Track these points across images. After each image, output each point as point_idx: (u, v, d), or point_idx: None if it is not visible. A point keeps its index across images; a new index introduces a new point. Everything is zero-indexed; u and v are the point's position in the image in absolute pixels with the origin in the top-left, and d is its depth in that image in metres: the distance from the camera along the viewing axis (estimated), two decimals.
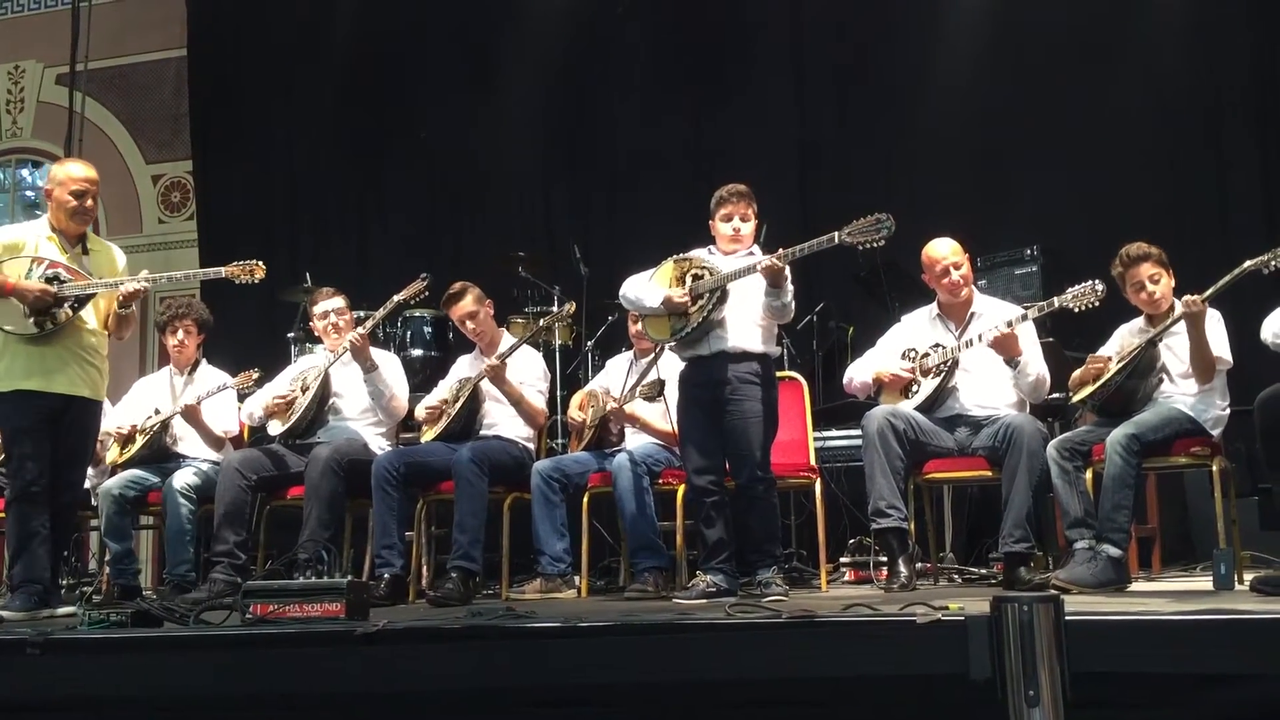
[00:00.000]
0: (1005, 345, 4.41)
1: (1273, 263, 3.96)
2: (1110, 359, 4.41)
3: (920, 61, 7.03)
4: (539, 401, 5.18)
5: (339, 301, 5.33)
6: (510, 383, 5.03)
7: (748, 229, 4.43)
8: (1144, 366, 4.29)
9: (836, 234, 4.13)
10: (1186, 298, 4.15)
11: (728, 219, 4.42)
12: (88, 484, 5.21)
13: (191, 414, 5.22)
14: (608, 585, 5.33)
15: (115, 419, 5.45)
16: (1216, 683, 2.49)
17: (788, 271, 4.22)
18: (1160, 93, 6.58)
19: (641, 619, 3.17)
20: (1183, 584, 4.56)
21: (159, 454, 5.28)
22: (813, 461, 4.94)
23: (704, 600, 4.10)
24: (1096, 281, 4.29)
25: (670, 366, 4.78)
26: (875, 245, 4.12)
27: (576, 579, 4.89)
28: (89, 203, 4.57)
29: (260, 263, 4.77)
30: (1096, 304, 4.29)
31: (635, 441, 5.01)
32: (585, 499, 4.90)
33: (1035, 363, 4.51)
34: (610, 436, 5.11)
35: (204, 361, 5.59)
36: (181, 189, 9.09)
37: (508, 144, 7.80)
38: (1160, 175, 6.53)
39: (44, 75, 9.41)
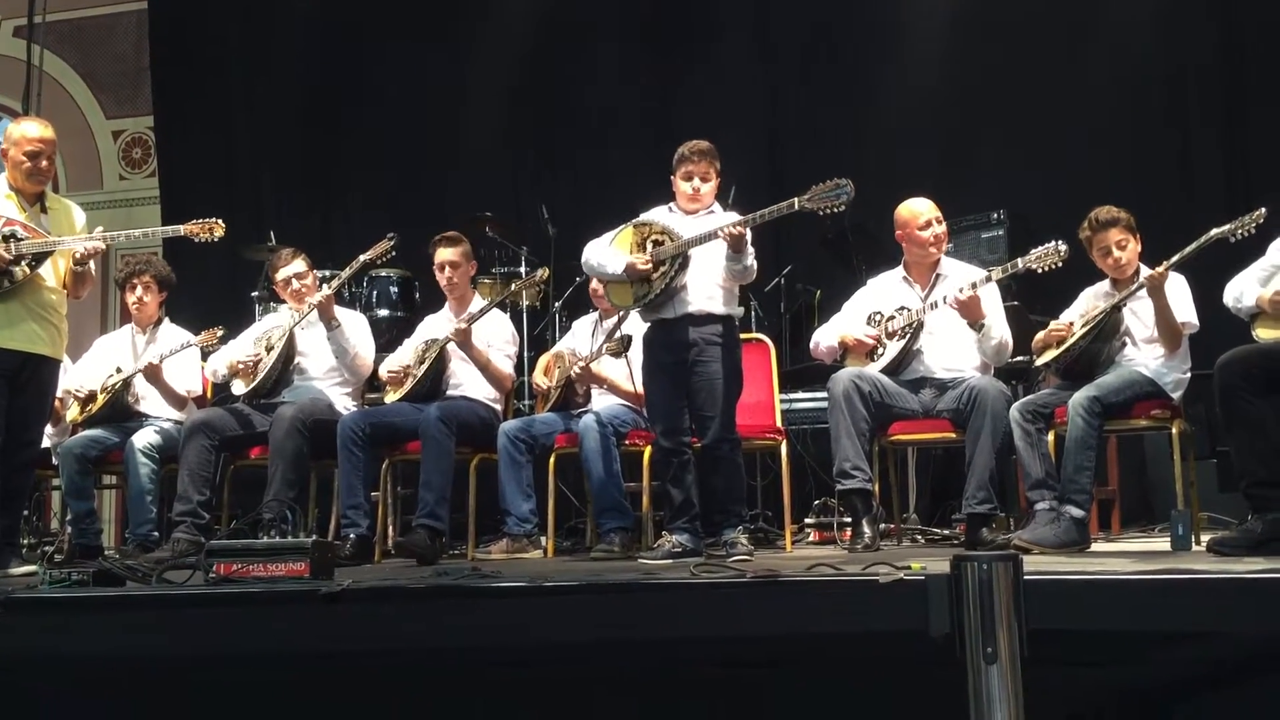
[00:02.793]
0: (969, 308, 4.44)
1: (1239, 231, 4.01)
2: (1071, 324, 4.45)
3: (889, 27, 6.99)
4: (506, 366, 5.15)
5: (300, 265, 5.26)
6: (477, 347, 5.00)
7: (707, 188, 4.41)
8: (1108, 330, 4.33)
9: (796, 200, 4.13)
10: (1148, 273, 4.18)
11: (688, 177, 4.40)
12: (48, 443, 5.17)
13: (154, 373, 5.17)
14: (574, 546, 5.35)
15: (76, 377, 5.39)
16: (1172, 641, 2.53)
17: (749, 235, 4.22)
18: (1126, 63, 6.59)
19: (607, 579, 3.18)
20: (1141, 544, 4.61)
21: (120, 413, 5.23)
22: (779, 423, 4.96)
23: (669, 560, 4.11)
24: (1059, 242, 4.32)
25: (636, 325, 4.77)
26: (835, 210, 4.12)
27: (543, 539, 4.90)
28: (44, 163, 4.50)
29: (219, 221, 4.69)
30: (1059, 264, 4.32)
31: (602, 402, 5.01)
32: (552, 460, 4.90)
33: (998, 326, 4.53)
34: (576, 398, 5.10)
35: (166, 320, 5.52)
36: (143, 145, 8.93)
37: (474, 102, 7.72)
38: (1126, 143, 6.55)
39: (0, 28, 9.20)
